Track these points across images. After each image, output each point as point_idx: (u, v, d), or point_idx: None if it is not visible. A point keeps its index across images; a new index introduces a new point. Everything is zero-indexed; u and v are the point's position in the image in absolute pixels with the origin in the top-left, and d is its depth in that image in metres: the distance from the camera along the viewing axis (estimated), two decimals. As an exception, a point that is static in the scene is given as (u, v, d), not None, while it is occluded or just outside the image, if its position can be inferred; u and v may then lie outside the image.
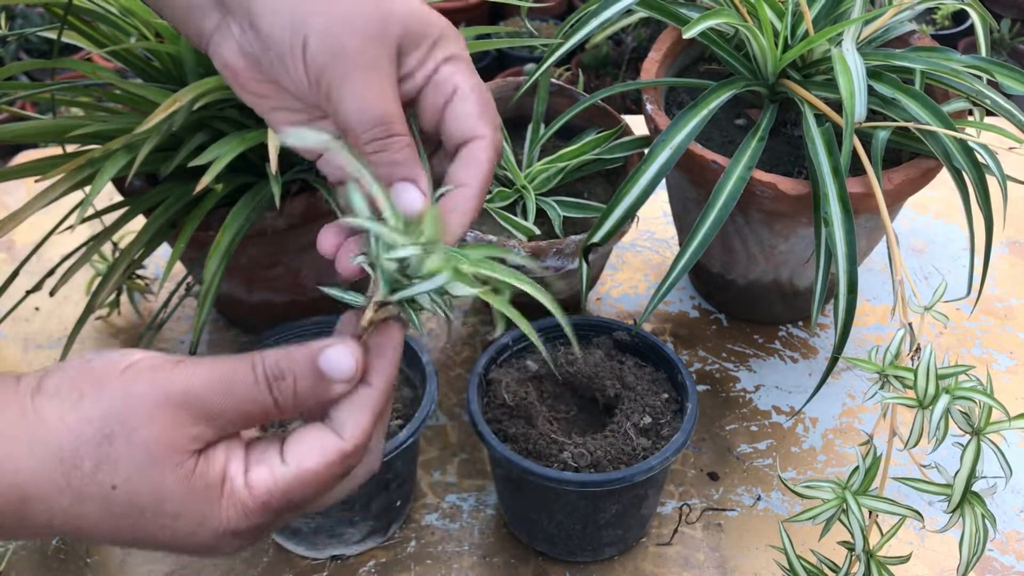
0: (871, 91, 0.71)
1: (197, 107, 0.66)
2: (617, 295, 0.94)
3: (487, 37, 0.88)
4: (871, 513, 0.58)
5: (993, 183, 0.70)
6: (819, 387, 0.70)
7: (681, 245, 0.70)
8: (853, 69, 0.68)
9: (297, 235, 0.78)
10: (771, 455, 0.79)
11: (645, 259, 0.98)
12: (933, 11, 2.31)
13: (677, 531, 0.73)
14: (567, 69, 2.03)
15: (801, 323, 0.90)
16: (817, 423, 0.81)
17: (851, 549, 0.58)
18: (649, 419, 0.68)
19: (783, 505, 0.75)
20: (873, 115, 0.73)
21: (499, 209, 0.80)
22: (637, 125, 0.92)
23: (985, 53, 0.78)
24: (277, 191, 0.67)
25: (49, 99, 0.73)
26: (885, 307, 0.93)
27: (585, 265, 0.75)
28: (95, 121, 0.72)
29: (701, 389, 0.84)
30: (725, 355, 0.87)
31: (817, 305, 0.70)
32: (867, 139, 0.72)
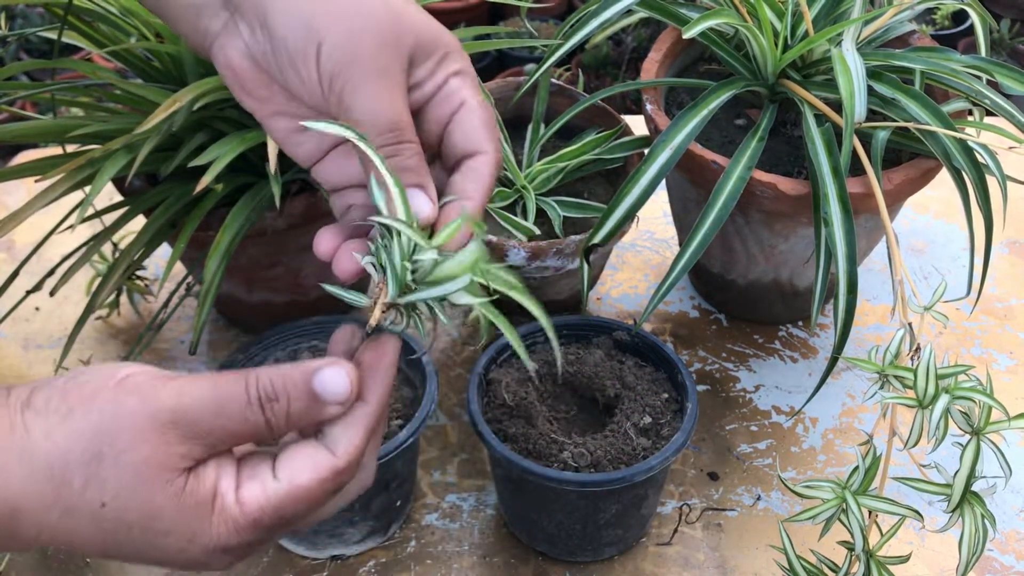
0: (871, 91, 0.71)
1: (197, 107, 0.66)
2: (617, 295, 0.94)
3: (487, 37, 0.88)
4: (871, 513, 0.58)
5: (993, 183, 0.70)
6: (819, 387, 0.70)
7: (681, 245, 0.71)
8: (853, 69, 0.68)
9: (297, 235, 0.78)
10: (771, 455, 0.79)
11: (645, 259, 0.98)
12: (933, 11, 2.31)
13: (677, 531, 0.73)
14: (567, 69, 2.03)
15: (801, 323, 0.90)
16: (817, 423, 0.82)
17: (851, 549, 0.58)
18: (649, 419, 0.68)
19: (783, 505, 0.75)
20: (873, 115, 0.73)
21: (499, 209, 0.80)
22: (637, 125, 0.92)
23: (985, 53, 0.78)
24: (277, 191, 0.67)
25: (49, 99, 0.73)
26: (885, 307, 0.93)
27: (586, 265, 0.75)
28: (95, 121, 0.72)
29: (701, 389, 0.84)
30: (725, 355, 0.87)
31: (817, 305, 0.70)
32: (867, 139, 0.72)
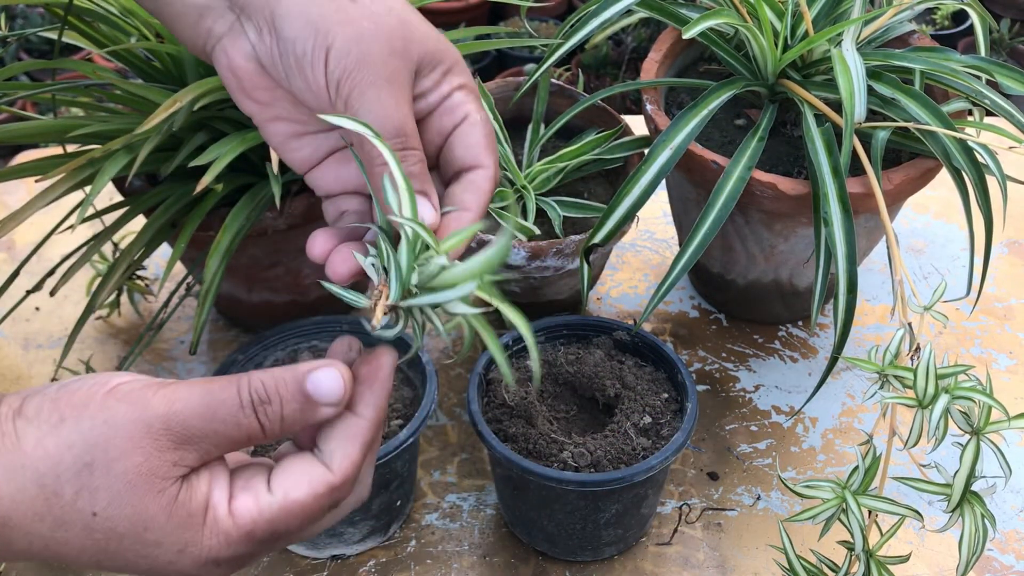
0: (871, 91, 0.71)
1: (197, 107, 0.66)
2: (617, 295, 0.94)
3: (487, 37, 0.88)
4: (871, 513, 0.58)
5: (993, 183, 0.70)
6: (819, 387, 0.70)
7: (681, 245, 0.71)
8: (853, 69, 0.68)
9: (297, 235, 0.78)
10: (771, 455, 0.79)
11: (645, 259, 0.98)
12: (933, 11, 2.31)
13: (677, 531, 0.73)
14: (567, 69, 2.03)
15: (801, 323, 0.90)
16: (817, 423, 0.82)
17: (851, 549, 0.58)
18: (649, 419, 0.68)
19: (783, 505, 0.75)
20: (873, 115, 0.73)
21: (499, 209, 0.80)
22: (637, 125, 0.93)
23: (984, 53, 0.78)
24: (277, 191, 0.67)
25: (50, 99, 0.73)
26: (885, 307, 0.93)
27: (586, 265, 0.75)
28: (95, 121, 0.72)
29: (701, 389, 0.84)
30: (725, 355, 0.87)
31: (817, 305, 0.70)
32: (867, 139, 0.72)
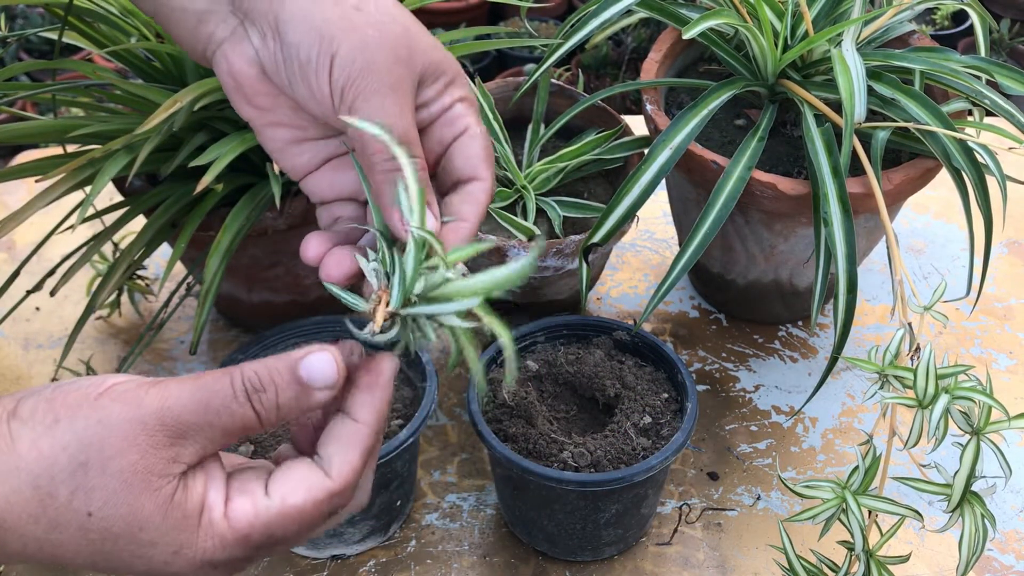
0: (871, 91, 0.71)
1: (198, 107, 0.66)
2: (617, 295, 0.94)
3: (487, 37, 0.88)
4: (871, 513, 0.58)
5: (992, 183, 0.71)
6: (819, 387, 0.70)
7: (681, 245, 0.71)
8: (853, 69, 0.68)
9: (297, 235, 0.77)
10: (771, 455, 0.79)
11: (645, 259, 0.98)
12: (933, 11, 2.31)
13: (677, 531, 0.73)
14: (567, 69, 2.03)
15: (801, 323, 0.90)
16: (817, 423, 0.82)
17: (851, 549, 0.58)
18: (649, 419, 0.68)
19: (783, 505, 0.75)
20: (873, 115, 0.73)
21: (499, 209, 0.80)
22: (637, 125, 0.93)
23: (984, 53, 0.78)
24: (277, 191, 0.67)
25: (50, 99, 0.73)
26: (885, 307, 0.93)
27: (585, 265, 0.75)
28: (96, 121, 0.72)
29: (701, 389, 0.84)
30: (725, 355, 0.87)
31: (817, 305, 0.70)
32: (867, 139, 0.72)
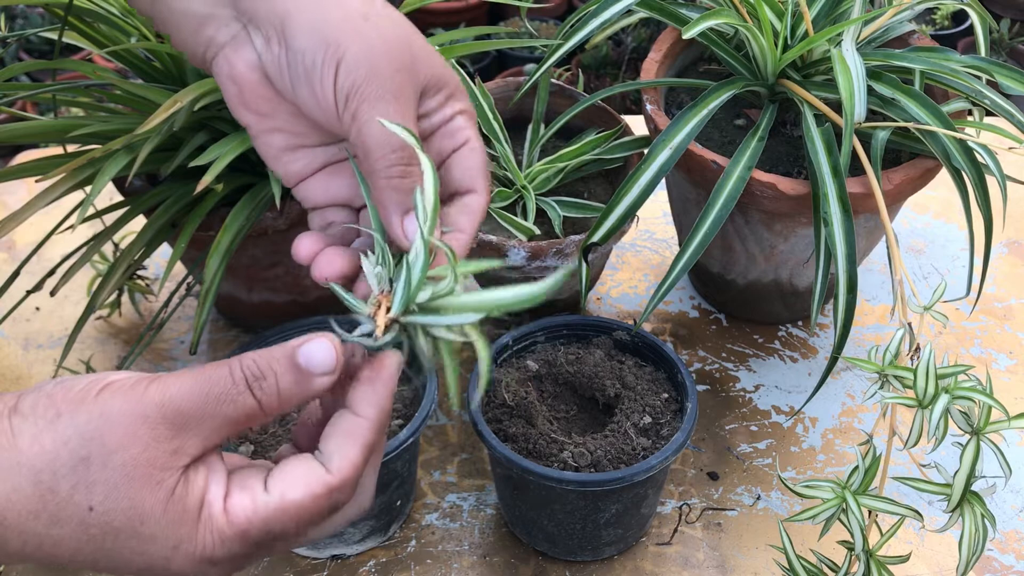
0: (871, 91, 0.71)
1: (198, 107, 0.66)
2: (617, 295, 0.94)
3: (487, 37, 0.88)
4: (871, 513, 0.58)
5: (992, 183, 0.71)
6: (819, 387, 0.70)
7: (681, 245, 0.71)
8: (853, 69, 0.68)
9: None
10: (771, 455, 0.79)
11: (645, 259, 0.98)
12: (933, 11, 2.31)
13: (677, 531, 0.73)
14: (567, 69, 2.03)
15: (801, 323, 0.90)
16: (817, 423, 0.82)
17: (851, 549, 0.58)
18: (649, 419, 0.68)
19: (783, 505, 0.75)
20: (873, 115, 0.73)
21: (499, 209, 0.81)
22: (637, 125, 0.93)
23: (984, 53, 0.78)
24: (277, 191, 0.67)
25: (50, 99, 0.73)
26: (885, 307, 0.93)
27: (585, 265, 0.75)
28: (96, 121, 0.72)
29: (701, 389, 0.84)
30: (725, 355, 0.87)
31: (817, 305, 0.70)
32: (867, 139, 0.72)
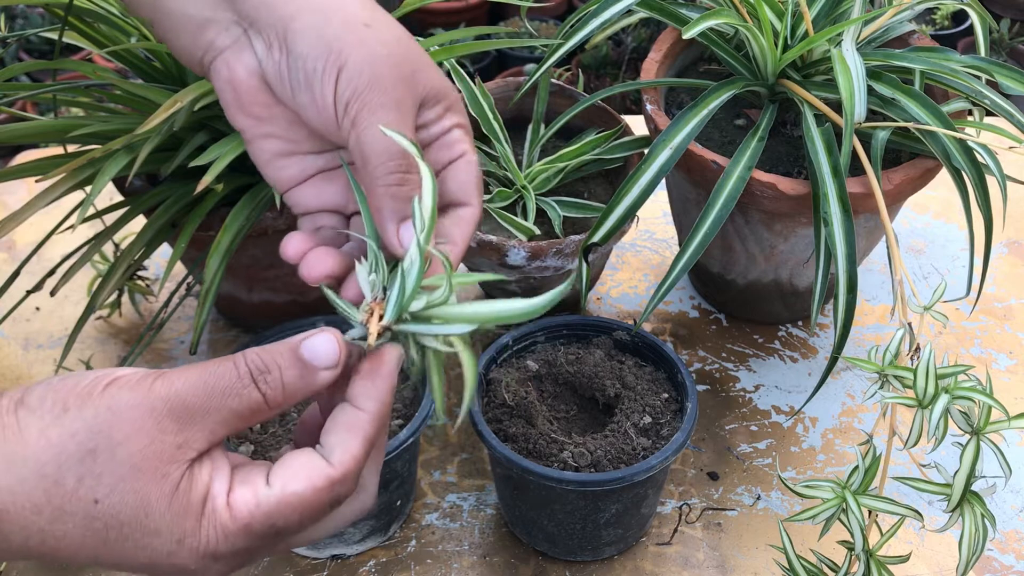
0: (871, 91, 0.71)
1: (198, 107, 0.66)
2: (617, 295, 0.94)
3: (487, 37, 0.88)
4: (871, 512, 0.58)
5: (993, 183, 0.71)
6: (819, 387, 0.70)
7: (681, 245, 0.71)
8: (853, 69, 0.68)
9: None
10: (771, 455, 0.79)
11: (645, 259, 0.98)
12: (933, 11, 2.31)
13: (677, 531, 0.73)
14: (567, 69, 2.03)
15: (801, 323, 0.90)
16: (817, 423, 0.82)
17: (851, 548, 0.58)
18: (649, 419, 0.68)
19: (783, 505, 0.75)
20: (873, 115, 0.73)
21: (499, 209, 0.81)
22: (637, 125, 0.93)
23: (984, 53, 0.78)
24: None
25: (50, 99, 0.73)
26: (885, 307, 0.93)
27: (585, 265, 0.75)
28: (96, 121, 0.72)
29: (701, 389, 0.84)
30: (725, 355, 0.87)
31: (817, 305, 0.70)
32: (867, 139, 0.72)
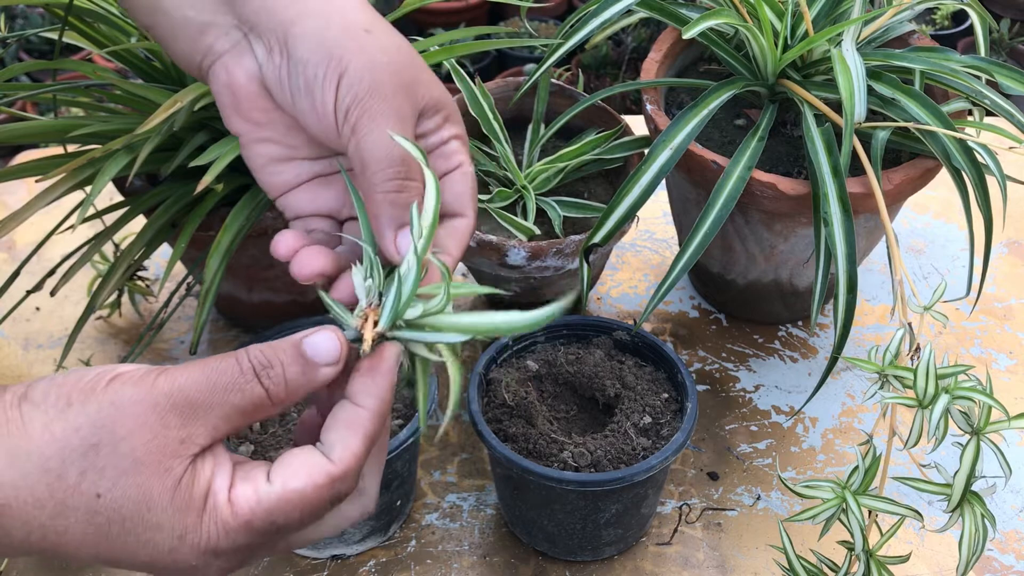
0: (871, 91, 0.71)
1: (198, 107, 0.66)
2: (617, 295, 0.94)
3: (487, 37, 0.88)
4: (871, 513, 0.58)
5: (992, 183, 0.71)
6: (819, 387, 0.70)
7: (681, 245, 0.71)
8: (853, 69, 0.68)
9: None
10: (771, 455, 0.79)
11: (645, 259, 0.98)
12: (933, 11, 2.31)
13: (677, 531, 0.73)
14: (567, 69, 2.03)
15: (801, 323, 0.90)
16: (817, 423, 0.82)
17: (851, 549, 0.58)
18: (649, 419, 0.68)
19: (783, 505, 0.75)
20: (873, 115, 0.73)
21: (499, 209, 0.81)
22: (637, 125, 0.93)
23: (984, 53, 0.78)
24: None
25: (50, 99, 0.73)
26: (885, 307, 0.93)
27: (585, 265, 0.75)
28: (96, 121, 0.72)
29: (701, 389, 0.84)
30: (725, 355, 0.87)
31: (817, 305, 0.70)
32: (867, 139, 0.72)
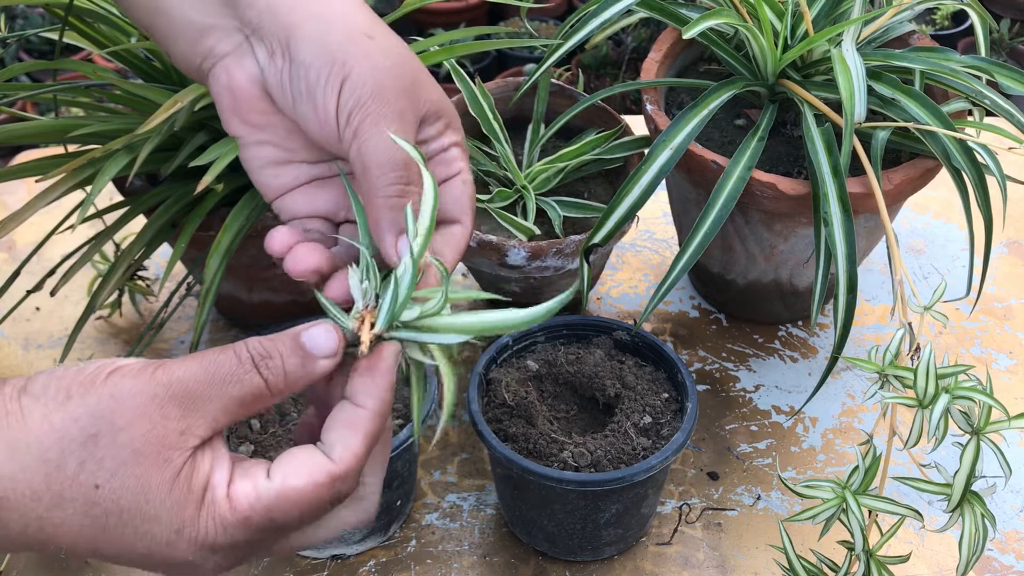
0: (871, 91, 0.71)
1: (198, 107, 0.66)
2: (617, 295, 0.94)
3: (487, 37, 0.88)
4: (871, 512, 0.58)
5: (992, 183, 0.71)
6: (819, 387, 0.70)
7: (681, 245, 0.71)
8: (853, 69, 0.68)
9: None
10: (771, 455, 0.79)
11: (645, 259, 0.98)
12: (933, 11, 2.31)
13: (677, 530, 0.73)
14: (567, 69, 2.03)
15: (801, 323, 0.90)
16: (817, 423, 0.82)
17: (851, 548, 0.58)
18: (649, 419, 0.68)
19: (783, 505, 0.75)
20: (873, 115, 0.73)
21: (499, 209, 0.81)
22: (637, 125, 0.93)
23: (984, 53, 0.78)
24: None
25: (50, 99, 0.73)
26: (885, 307, 0.93)
27: (586, 265, 0.75)
28: (96, 121, 0.72)
29: (701, 389, 0.84)
30: (725, 355, 0.87)
31: (817, 305, 0.70)
32: (867, 139, 0.72)
